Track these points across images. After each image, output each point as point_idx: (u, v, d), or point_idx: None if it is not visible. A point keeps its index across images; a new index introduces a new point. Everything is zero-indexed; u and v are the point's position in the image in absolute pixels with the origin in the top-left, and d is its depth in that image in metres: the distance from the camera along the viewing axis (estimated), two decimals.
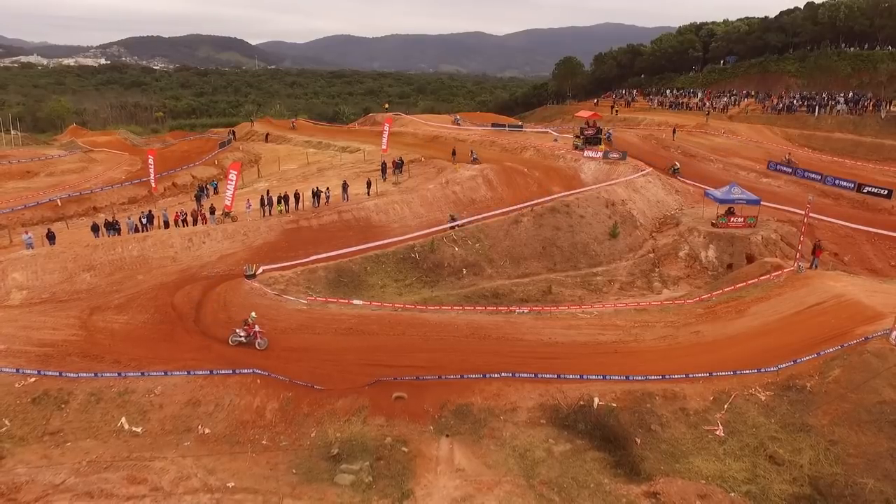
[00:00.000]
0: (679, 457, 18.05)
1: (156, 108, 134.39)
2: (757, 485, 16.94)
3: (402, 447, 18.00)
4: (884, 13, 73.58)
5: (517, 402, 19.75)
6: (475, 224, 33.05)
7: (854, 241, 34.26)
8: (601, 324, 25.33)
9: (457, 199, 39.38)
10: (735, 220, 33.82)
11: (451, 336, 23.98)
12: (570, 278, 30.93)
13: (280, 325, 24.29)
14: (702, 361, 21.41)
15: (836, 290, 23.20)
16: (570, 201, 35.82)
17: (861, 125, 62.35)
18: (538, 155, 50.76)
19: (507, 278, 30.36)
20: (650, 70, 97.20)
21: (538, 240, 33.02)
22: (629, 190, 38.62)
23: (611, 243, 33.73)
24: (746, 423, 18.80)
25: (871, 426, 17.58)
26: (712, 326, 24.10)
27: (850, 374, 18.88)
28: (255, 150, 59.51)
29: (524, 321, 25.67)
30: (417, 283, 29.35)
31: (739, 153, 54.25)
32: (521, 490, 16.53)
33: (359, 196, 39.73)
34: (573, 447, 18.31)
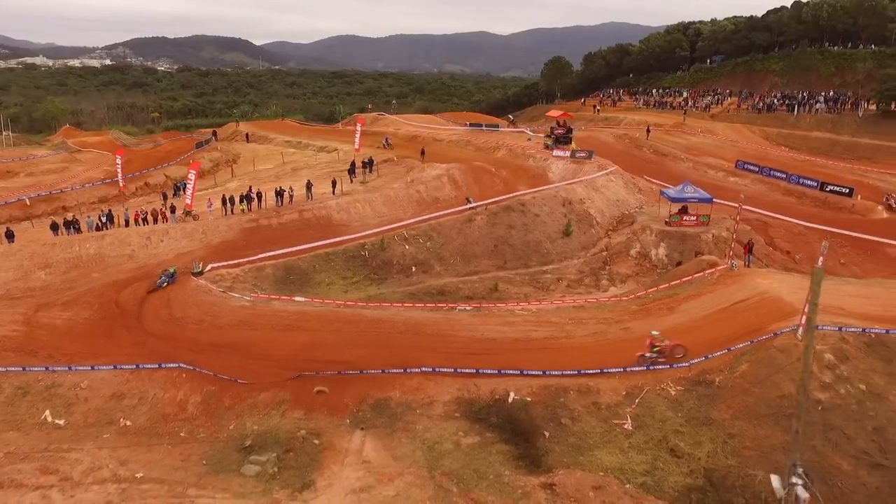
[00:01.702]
0: (585, 450, 18.46)
1: (152, 108, 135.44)
2: (653, 477, 17.34)
3: (314, 439, 18.48)
4: (867, 12, 73.54)
5: (435, 397, 20.20)
6: (427, 223, 33.48)
7: (807, 240, 34.51)
8: (537, 321, 25.73)
9: (420, 199, 39.81)
10: (688, 218, 34.12)
11: (387, 332, 24.44)
12: (519, 276, 31.34)
13: (220, 322, 24.85)
14: (626, 357, 21.77)
15: (761, 288, 23.52)
16: (527, 200, 36.24)
17: (839, 124, 62.46)
18: (510, 154, 51.09)
19: (455, 276, 30.81)
20: (638, 69, 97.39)
21: (491, 238, 33.47)
22: (589, 189, 38.98)
23: (564, 242, 34.11)
24: (654, 417, 19.19)
25: (769, 420, 17.95)
26: (642, 323, 24.44)
27: (756, 369, 19.25)
28: (234, 151, 60.21)
29: (462, 318, 26.11)
30: (365, 280, 29.86)
31: (713, 152, 54.45)
32: (422, 481, 16.97)
33: (325, 195, 40.22)
34: (482, 440, 18.74)
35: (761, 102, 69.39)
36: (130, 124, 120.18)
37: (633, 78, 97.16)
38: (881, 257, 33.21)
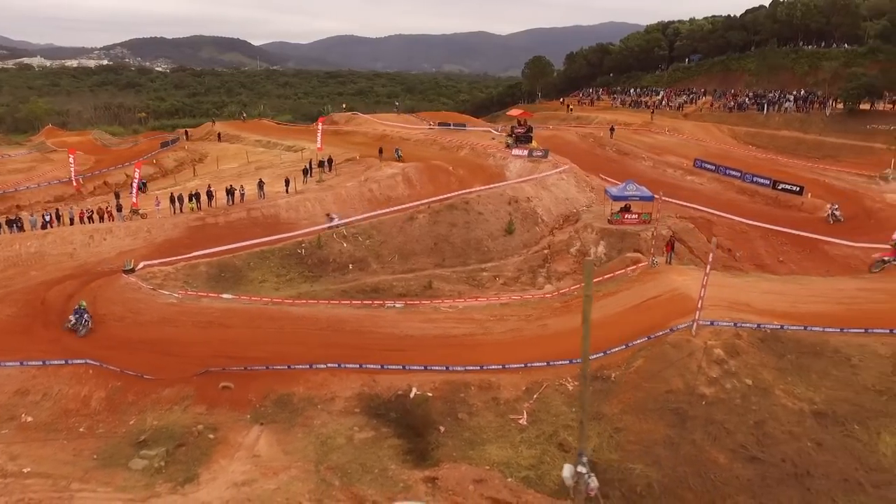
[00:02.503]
0: (477, 444, 18.67)
1: (139, 108, 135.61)
2: (537, 471, 17.54)
3: (209, 434, 18.69)
4: (840, 11, 73.67)
5: (337, 392, 20.41)
6: (368, 221, 33.69)
7: (748, 238, 34.66)
8: (459, 318, 25.94)
9: (372, 197, 40.02)
10: (630, 216, 34.28)
11: (307, 329, 24.64)
12: (456, 274, 31.53)
13: (141, 319, 25.06)
14: (537, 353, 21.97)
15: (673, 285, 23.72)
16: (471, 198, 36.44)
17: (807, 123, 62.61)
18: (472, 153, 51.31)
19: (391, 274, 31.00)
20: (618, 69, 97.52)
21: (431, 236, 33.67)
22: (538, 187, 39.17)
23: (505, 239, 34.30)
24: (549, 412, 19.41)
25: (654, 414, 18.15)
26: (560, 320, 24.66)
27: (649, 364, 19.45)
28: (202, 150, 60.43)
29: (387, 315, 26.32)
30: (299, 278, 30.06)
31: (676, 151, 54.57)
32: (306, 475, 17.16)
33: (279, 194, 40.44)
34: (377, 435, 18.93)
35: (733, 102, 69.48)
36: (117, 124, 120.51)
37: (614, 77, 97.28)
38: (820, 255, 33.36)
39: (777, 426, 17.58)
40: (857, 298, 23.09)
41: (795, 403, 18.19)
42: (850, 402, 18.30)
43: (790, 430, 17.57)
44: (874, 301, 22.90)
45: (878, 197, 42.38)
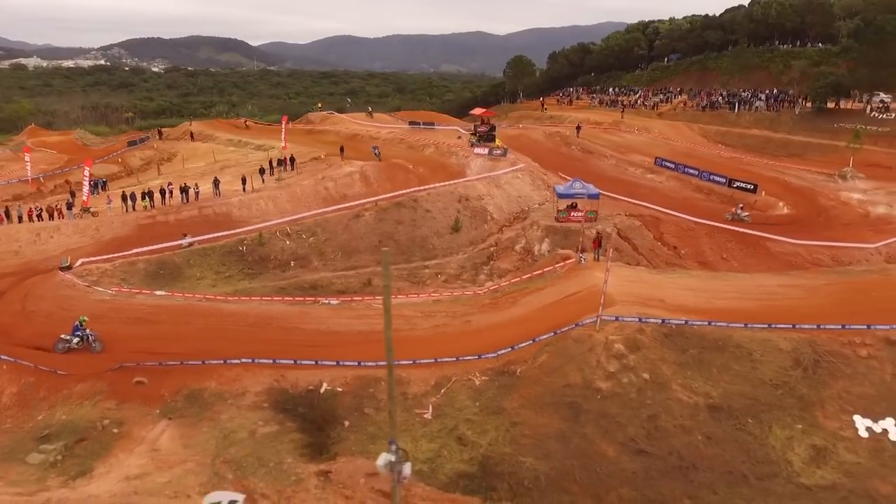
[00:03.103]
0: (379, 438, 18.77)
1: (126, 108, 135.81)
2: (432, 464, 17.70)
3: (114, 429, 18.84)
4: (814, 10, 73.82)
5: (248, 387, 20.56)
6: (314, 219, 33.85)
7: (694, 235, 34.81)
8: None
9: (328, 195, 40.18)
10: (576, 214, 34.42)
11: (234, 325, 24.78)
12: (398, 271, 31.63)
13: (71, 315, 25.10)
14: (458, 348, 22.09)
15: (592, 281, 23.84)
16: (420, 196, 36.61)
17: (777, 122, 62.82)
18: (436, 152, 51.60)
19: (332, 271, 31.17)
20: (599, 68, 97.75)
21: (376, 234, 33.83)
22: (491, 185, 39.34)
23: (452, 237, 34.46)
24: (454, 406, 19.55)
25: (550, 408, 18.31)
26: (484, 316, 24.83)
27: (552, 359, 19.61)
28: (171, 149, 60.60)
29: (317, 312, 26.47)
30: (239, 274, 30.22)
31: (642, 150, 54.75)
32: (201, 468, 17.30)
33: (236, 192, 40.62)
34: (280, 429, 19.08)
35: (706, 101, 69.66)
36: (104, 124, 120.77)
37: (595, 77, 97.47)
38: (763, 252, 33.52)
39: (669, 420, 17.74)
40: (774, 295, 23.25)
41: (691, 397, 18.34)
42: (747, 396, 18.47)
43: (682, 423, 17.73)
44: (790, 297, 23.07)
45: (833, 195, 42.61)
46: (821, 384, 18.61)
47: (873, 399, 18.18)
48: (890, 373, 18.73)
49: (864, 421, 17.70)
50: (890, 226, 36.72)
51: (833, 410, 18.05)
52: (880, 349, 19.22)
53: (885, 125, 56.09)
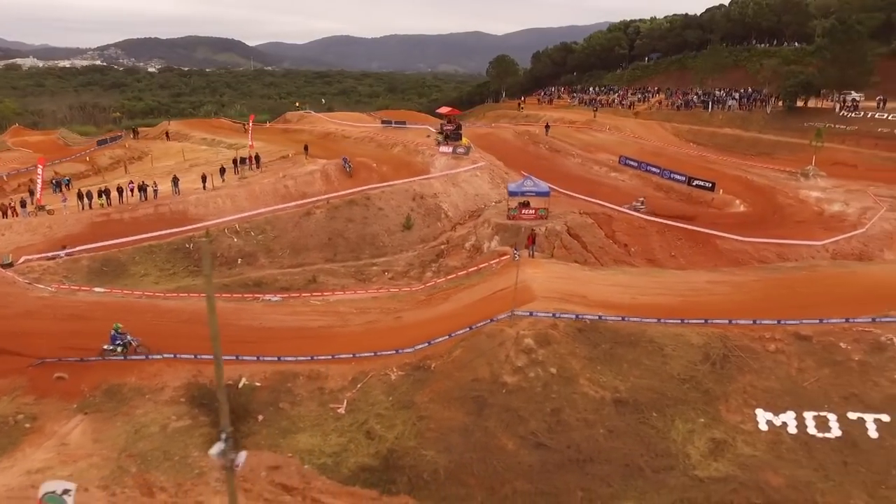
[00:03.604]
0: (290, 433, 18.95)
1: (114, 108, 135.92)
2: (337, 458, 17.82)
3: (26, 423, 18.95)
4: (791, 10, 74.01)
5: (168, 382, 20.67)
6: (264, 216, 34.00)
7: (645, 233, 34.93)
8: (325, 311, 26.25)
9: (287, 193, 40.37)
10: (527, 211, 34.56)
11: (166, 321, 24.91)
12: (345, 268, 31.82)
13: (7, 312, 25.29)
14: (384, 343, 22.20)
15: (521, 277, 23.94)
16: (373, 194, 36.77)
17: (749, 121, 63.02)
18: (404, 150, 51.83)
19: (279, 268, 31.32)
20: (581, 67, 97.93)
21: (327, 231, 33.99)
22: (448, 184, 39.50)
23: (402, 235, 34.60)
24: (368, 400, 19.67)
25: (457, 402, 18.45)
26: (416, 312, 24.99)
27: (465, 354, 19.75)
28: (144, 148, 60.76)
29: (254, 308, 26.63)
30: (184, 272, 30.35)
31: (610, 149, 54.91)
32: (105, 462, 17.43)
33: (196, 190, 40.82)
34: (193, 423, 19.19)
35: (680, 100, 69.83)
36: (92, 124, 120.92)
37: (577, 76, 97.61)
38: (711, 249, 33.63)
39: (573, 414, 17.87)
40: (699, 291, 23.40)
41: (598, 392, 18.47)
42: (654, 390, 18.60)
43: (585, 417, 17.87)
44: (715, 293, 23.21)
45: (793, 193, 42.75)
46: (727, 378, 18.75)
47: (777, 393, 18.30)
48: (796, 367, 18.86)
49: (766, 414, 17.82)
50: (842, 223, 36.85)
51: (736, 404, 18.17)
52: (789, 344, 19.35)
53: (852, 124, 56.30)
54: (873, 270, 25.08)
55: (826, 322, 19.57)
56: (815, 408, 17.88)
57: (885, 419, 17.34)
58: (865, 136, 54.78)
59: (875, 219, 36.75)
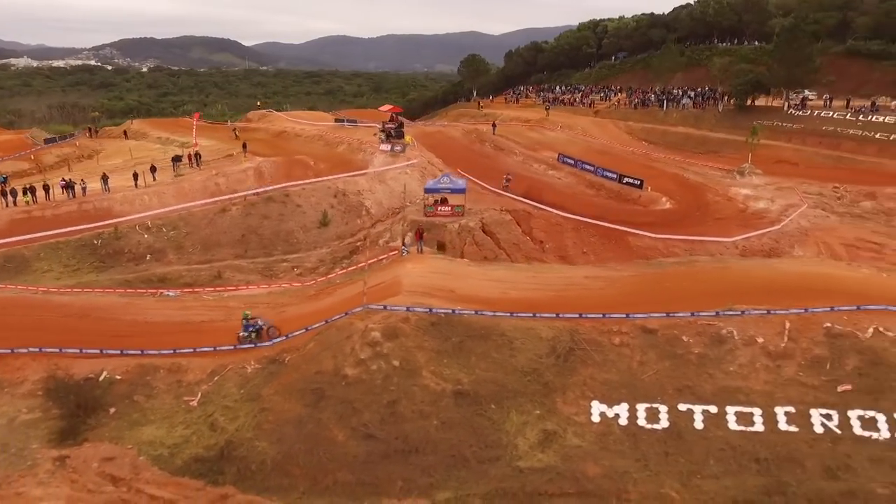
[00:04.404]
0: (139, 425, 19.16)
1: (92, 108, 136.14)
2: (174, 449, 18.05)
3: None
4: (752, 8, 74.22)
5: (29, 376, 20.86)
6: (178, 213, 34.17)
7: (561, 230, 35.12)
8: (214, 306, 26.43)
9: (217, 190, 40.46)
10: (443, 209, 34.74)
11: (52, 315, 25.05)
12: (254, 265, 32.00)
13: None
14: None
15: (397, 272, 24.19)
16: (293, 191, 36.94)
17: (701, 119, 63.21)
18: (348, 148, 52.05)
19: (186, 264, 31.48)
20: (551, 67, 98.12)
21: (241, 228, 34.16)
22: (373, 181, 39.67)
23: (318, 231, 34.77)
24: (220, 393, 19.86)
25: (298, 394, 18.63)
26: (300, 306, 25.20)
27: (316, 347, 19.95)
28: (97, 147, 60.92)
29: (144, 303, 26.81)
30: (88, 268, 30.53)
31: (556, 147, 55.11)
32: None
33: (129, 188, 40.92)
34: (43, 416, 19.40)
35: (637, 99, 70.03)
36: (70, 123, 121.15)
37: (546, 75, 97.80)
38: (622, 246, 33.82)
39: (409, 405, 18.05)
40: (573, 286, 23.59)
41: (440, 384, 18.64)
42: (497, 382, 18.77)
43: (421, 409, 18.04)
44: (587, 288, 23.41)
45: (723, 191, 42.97)
46: (569, 371, 18.92)
47: (615, 385, 18.48)
48: (638, 360, 19.03)
49: (601, 406, 18.00)
50: (762, 220, 37.07)
51: (573, 396, 18.34)
52: (634, 337, 19.52)
53: (799, 122, 56.52)
54: (746, 266, 25.26)
55: (673, 316, 19.71)
56: (648, 400, 18.06)
57: (713, 410, 17.52)
58: (811, 134, 55.01)
59: (794, 216, 36.99)
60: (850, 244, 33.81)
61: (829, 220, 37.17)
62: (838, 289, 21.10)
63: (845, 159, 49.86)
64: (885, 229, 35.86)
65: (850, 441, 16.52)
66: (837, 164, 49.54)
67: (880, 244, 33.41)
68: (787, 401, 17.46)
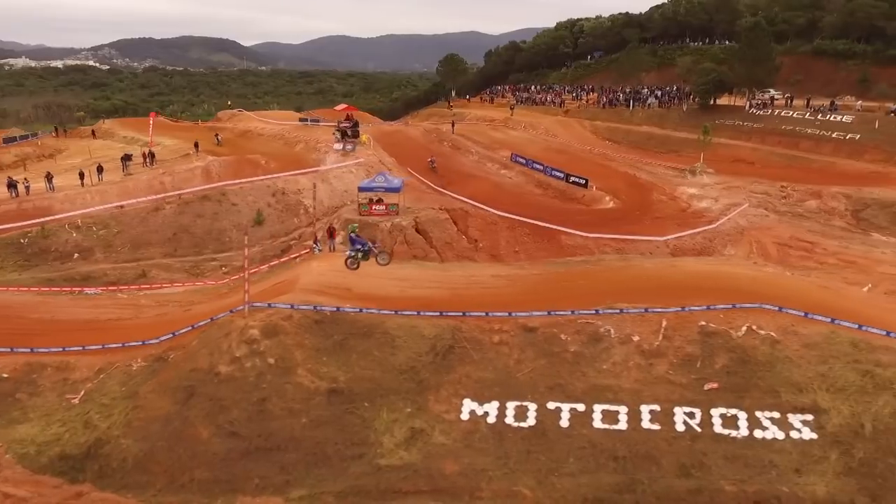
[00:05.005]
0: (16, 422, 19.11)
1: (78, 107, 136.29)
2: (44, 447, 17.96)
3: None
4: (722, 8, 74.15)
5: None
6: (109, 212, 34.19)
7: (496, 228, 35.08)
8: (125, 304, 26.47)
9: (162, 189, 40.45)
10: (378, 207, 34.70)
11: None
12: (181, 263, 32.00)
13: None
14: (157, 334, 22.34)
15: (298, 271, 24.18)
16: (230, 189, 36.96)
17: (666, 118, 63.14)
18: (305, 147, 52.25)
19: (113, 262, 31.48)
20: (529, 66, 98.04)
21: (173, 227, 34.15)
22: (316, 180, 39.63)
23: (253, 230, 34.69)
24: (102, 391, 19.81)
25: (171, 392, 18.61)
26: (208, 304, 25.16)
27: (198, 345, 19.92)
28: (59, 146, 61.06)
29: (59, 301, 26.83)
30: (12, 266, 30.53)
31: (514, 146, 55.04)
32: None
33: (75, 187, 40.94)
34: None
35: (605, 98, 69.99)
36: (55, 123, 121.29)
37: (524, 75, 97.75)
38: (554, 245, 33.74)
39: (279, 403, 18.01)
40: (475, 284, 23.56)
41: (314, 382, 18.61)
42: (373, 380, 18.73)
43: (291, 407, 18.00)
44: (488, 286, 23.37)
45: (670, 190, 42.87)
46: (446, 369, 18.88)
47: (489, 383, 18.44)
48: (515, 358, 19.00)
49: (472, 405, 17.97)
50: (700, 219, 37.01)
51: (446, 395, 18.31)
52: (515, 335, 19.49)
53: (760, 121, 56.44)
54: (648, 265, 25.18)
55: (554, 314, 19.67)
56: (519, 398, 18.02)
57: (580, 409, 17.49)
58: (771, 133, 54.95)
59: (732, 215, 36.88)
60: (783, 243, 33.70)
61: (768, 219, 37.02)
62: (730, 287, 21.04)
63: (800, 158, 49.78)
64: (820, 228, 35.77)
65: (708, 439, 16.49)
66: (792, 163, 49.45)
67: (812, 243, 33.29)
68: (653, 399, 17.43)
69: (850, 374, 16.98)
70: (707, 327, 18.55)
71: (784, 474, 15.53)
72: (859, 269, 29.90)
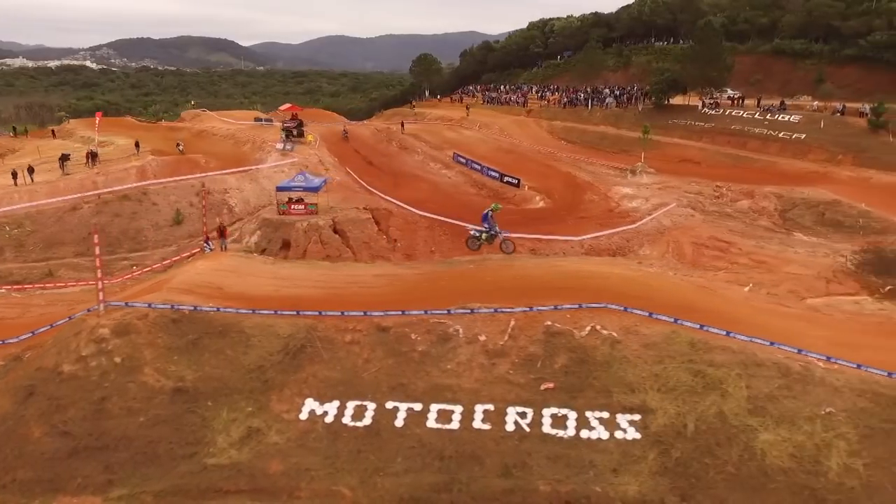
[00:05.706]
0: None
1: (59, 108, 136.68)
2: None
3: None
4: (685, 8, 74.08)
5: None
6: (25, 211, 34.14)
7: (416, 228, 35.06)
8: (15, 303, 26.44)
9: (94, 188, 40.53)
10: (297, 207, 34.67)
11: None
12: (91, 262, 31.84)
13: None
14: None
15: (193, 270, 24.05)
16: (151, 189, 36.93)
17: (622, 118, 63.12)
18: (251, 147, 52.31)
19: (23, 262, 31.43)
20: (501, 66, 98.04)
21: (88, 226, 34.01)
22: (244, 179, 39.70)
23: (170, 230, 34.73)
24: None
25: (13, 391, 18.45)
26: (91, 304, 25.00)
27: (50, 344, 19.82)
28: (12, 146, 61.13)
29: None
30: None
31: (464, 146, 55.15)
32: None
33: (9, 186, 40.96)
34: None
35: (565, 98, 69.92)
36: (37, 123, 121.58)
37: (496, 74, 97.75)
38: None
39: (119, 402, 17.86)
40: (355, 284, 23.43)
41: (160, 381, 18.46)
42: (221, 379, 18.58)
43: (131, 406, 17.86)
44: (367, 286, 23.25)
45: (604, 190, 42.82)
46: (294, 369, 18.74)
47: (333, 383, 18.30)
48: (364, 358, 18.85)
49: (313, 404, 17.80)
50: (624, 220, 36.95)
51: (290, 394, 18.15)
52: (368, 334, 19.35)
53: (711, 121, 56.38)
54: (529, 265, 25.03)
55: (408, 314, 19.55)
56: (360, 397, 17.86)
57: (417, 408, 17.32)
58: (721, 133, 54.92)
59: (656, 215, 36.79)
60: (700, 243, 33.61)
61: (693, 219, 36.94)
62: (598, 287, 20.90)
63: (744, 158, 49.71)
64: (743, 228, 35.68)
65: (536, 439, 16.35)
66: (736, 163, 49.39)
67: (729, 243, 33.19)
68: (489, 399, 17.28)
69: (682, 374, 16.85)
70: (552, 327, 18.42)
71: (601, 474, 15.39)
72: (768, 268, 29.83)
